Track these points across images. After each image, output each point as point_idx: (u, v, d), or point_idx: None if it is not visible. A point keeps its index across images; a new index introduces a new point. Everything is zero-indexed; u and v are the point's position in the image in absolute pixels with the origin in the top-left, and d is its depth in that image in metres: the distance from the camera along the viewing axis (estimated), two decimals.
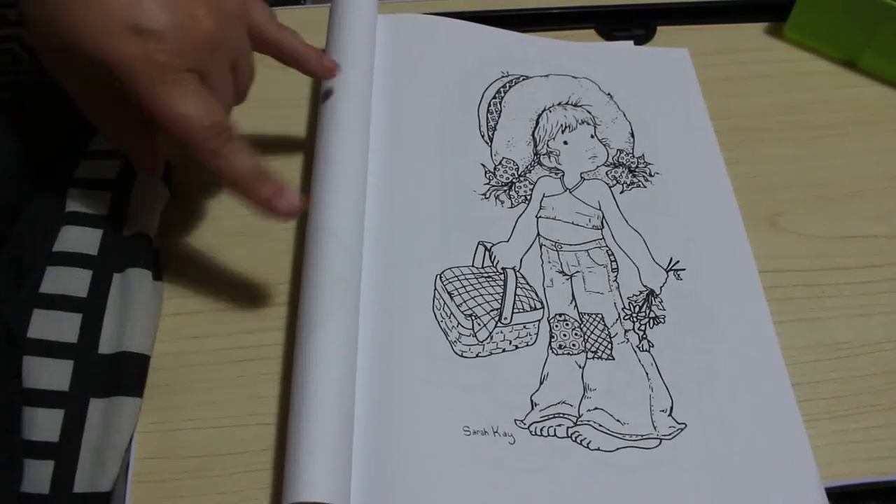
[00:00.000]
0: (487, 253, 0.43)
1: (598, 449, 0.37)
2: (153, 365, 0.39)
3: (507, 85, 0.50)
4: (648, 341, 0.40)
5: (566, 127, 0.48)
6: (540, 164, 0.47)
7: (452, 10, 0.54)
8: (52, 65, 0.36)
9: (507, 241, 0.43)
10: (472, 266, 0.42)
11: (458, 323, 0.40)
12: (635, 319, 0.41)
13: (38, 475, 0.34)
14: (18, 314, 0.37)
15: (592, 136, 0.48)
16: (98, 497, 0.35)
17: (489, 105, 0.49)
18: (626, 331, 0.41)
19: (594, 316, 0.41)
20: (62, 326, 0.37)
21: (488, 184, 0.45)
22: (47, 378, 0.36)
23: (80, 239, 0.39)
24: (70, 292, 0.38)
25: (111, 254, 0.39)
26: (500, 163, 0.46)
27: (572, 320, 0.41)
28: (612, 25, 0.55)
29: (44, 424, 0.35)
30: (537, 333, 0.40)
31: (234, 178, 0.37)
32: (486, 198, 0.45)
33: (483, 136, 0.47)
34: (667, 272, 0.43)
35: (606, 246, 0.44)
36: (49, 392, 0.35)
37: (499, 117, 0.48)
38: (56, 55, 0.35)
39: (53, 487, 0.34)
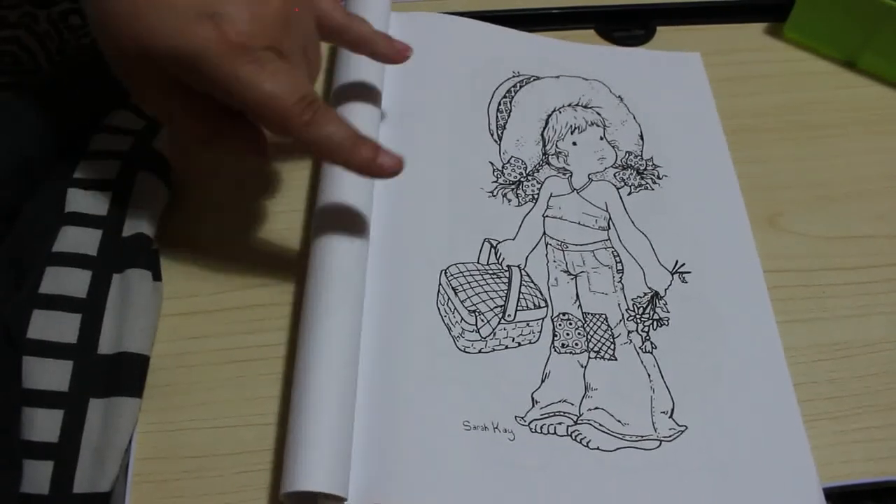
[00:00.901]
0: (493, 250, 0.43)
1: (598, 448, 0.37)
2: (153, 365, 0.39)
3: (518, 84, 0.50)
4: (651, 343, 0.40)
5: (575, 128, 0.48)
6: (548, 163, 0.47)
7: (453, 9, 0.54)
8: (132, 75, 0.36)
9: (514, 239, 0.43)
10: (478, 263, 0.42)
11: (462, 318, 0.40)
12: (639, 321, 0.41)
13: (37, 476, 0.34)
14: (18, 314, 0.37)
15: (602, 138, 0.48)
16: (98, 497, 0.34)
17: (499, 104, 0.49)
18: (629, 332, 0.41)
19: (598, 316, 0.41)
20: (62, 327, 0.37)
21: (496, 182, 0.45)
22: (47, 378, 0.36)
23: (80, 239, 0.39)
24: (69, 293, 0.38)
25: (111, 254, 0.39)
26: (508, 161, 0.46)
27: (576, 320, 0.41)
28: (612, 26, 0.55)
29: (43, 425, 0.35)
30: (540, 331, 0.40)
31: (332, 147, 0.36)
32: (494, 195, 0.45)
33: (492, 135, 0.47)
34: (672, 274, 0.43)
35: (612, 247, 0.44)
36: (48, 392, 0.35)
37: (508, 116, 0.48)
38: (133, 62, 0.35)
39: (53, 488, 0.34)
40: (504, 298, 0.41)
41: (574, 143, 0.48)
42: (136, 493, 0.36)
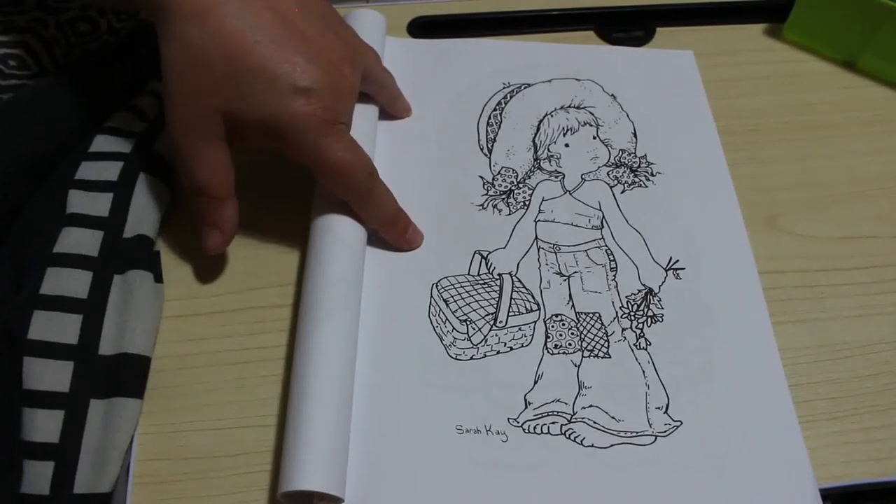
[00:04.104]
0: (484, 261, 0.43)
1: (592, 446, 0.37)
2: (154, 367, 0.39)
3: (509, 95, 0.50)
4: (646, 339, 0.40)
5: (568, 129, 0.48)
6: (540, 168, 0.47)
7: (452, 11, 0.55)
8: (195, 121, 0.37)
9: (504, 247, 0.44)
10: (468, 274, 0.42)
11: (453, 328, 0.40)
12: (633, 318, 0.41)
13: (38, 476, 0.34)
14: (19, 315, 0.37)
15: (594, 138, 0.48)
16: (98, 498, 0.35)
17: (489, 118, 0.49)
18: (623, 329, 0.41)
19: (591, 315, 0.41)
20: (63, 328, 0.37)
21: (486, 194, 0.46)
22: (48, 379, 0.36)
23: (81, 240, 0.39)
24: (70, 293, 0.38)
25: (112, 255, 0.39)
26: (498, 172, 0.47)
27: (569, 320, 0.41)
28: (611, 27, 0.55)
29: (44, 426, 0.35)
30: (533, 335, 0.41)
31: (381, 217, 0.41)
32: (484, 208, 0.45)
33: (482, 149, 0.48)
34: (666, 271, 0.43)
35: (606, 245, 0.44)
36: (49, 393, 0.36)
37: (499, 129, 0.49)
38: (204, 112, 0.37)
39: (53, 488, 0.34)
40: (495, 306, 0.41)
41: (566, 145, 0.48)
42: (136, 494, 0.36)
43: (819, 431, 0.38)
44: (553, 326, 0.41)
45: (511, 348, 0.40)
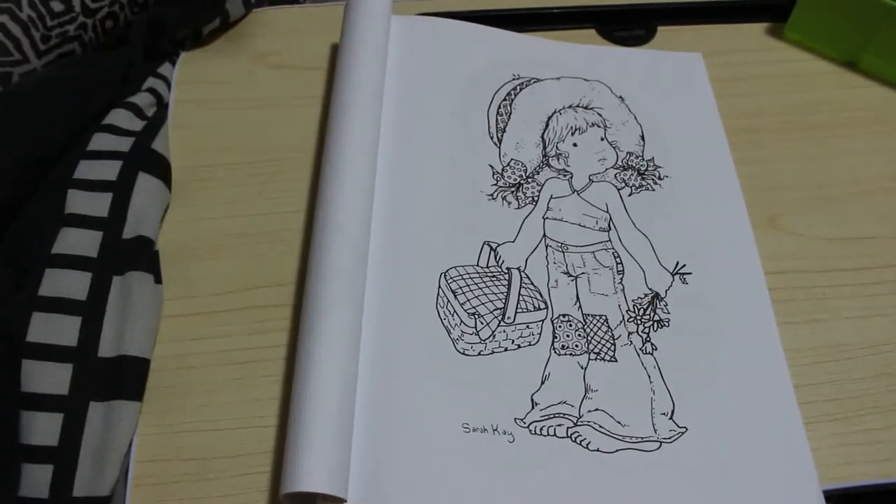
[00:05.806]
0: (493, 253, 0.43)
1: (598, 450, 0.37)
2: (153, 367, 0.39)
3: (518, 87, 0.50)
4: (652, 344, 0.40)
5: (576, 129, 0.48)
6: (548, 165, 0.47)
7: (453, 9, 0.54)
8: None
9: (513, 241, 0.43)
10: (477, 266, 0.42)
11: (461, 321, 0.40)
12: (639, 322, 0.41)
13: (37, 479, 0.34)
14: (17, 317, 0.37)
15: (602, 139, 0.48)
16: (97, 501, 0.34)
17: (499, 107, 0.49)
18: (629, 333, 0.41)
19: (598, 317, 0.41)
20: (62, 330, 0.37)
21: (496, 185, 0.45)
22: (47, 382, 0.36)
23: (80, 241, 0.39)
24: (70, 295, 0.37)
25: (111, 256, 0.39)
26: (508, 164, 0.46)
27: (576, 321, 0.41)
28: (612, 25, 0.55)
29: (43, 428, 0.35)
30: (540, 333, 0.40)
31: None
32: (494, 198, 0.45)
33: (492, 138, 0.47)
34: (673, 276, 0.43)
35: (613, 248, 0.44)
36: (48, 396, 0.35)
37: (508, 119, 0.48)
38: None
39: (53, 491, 0.34)
40: (503, 301, 0.41)
41: (575, 145, 0.47)
42: (135, 496, 0.36)
43: (820, 433, 0.39)
44: (560, 327, 0.41)
45: (518, 346, 0.40)
